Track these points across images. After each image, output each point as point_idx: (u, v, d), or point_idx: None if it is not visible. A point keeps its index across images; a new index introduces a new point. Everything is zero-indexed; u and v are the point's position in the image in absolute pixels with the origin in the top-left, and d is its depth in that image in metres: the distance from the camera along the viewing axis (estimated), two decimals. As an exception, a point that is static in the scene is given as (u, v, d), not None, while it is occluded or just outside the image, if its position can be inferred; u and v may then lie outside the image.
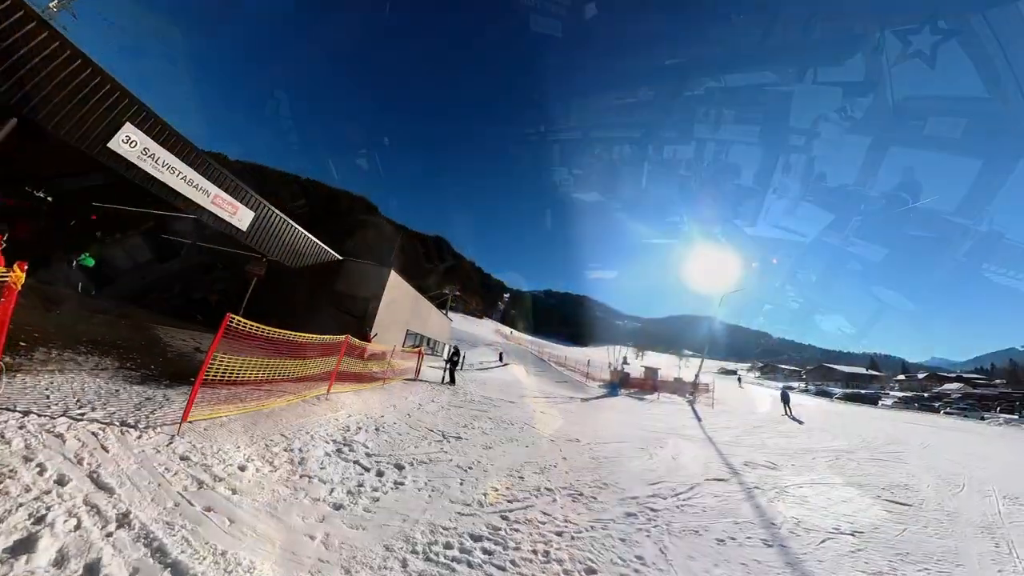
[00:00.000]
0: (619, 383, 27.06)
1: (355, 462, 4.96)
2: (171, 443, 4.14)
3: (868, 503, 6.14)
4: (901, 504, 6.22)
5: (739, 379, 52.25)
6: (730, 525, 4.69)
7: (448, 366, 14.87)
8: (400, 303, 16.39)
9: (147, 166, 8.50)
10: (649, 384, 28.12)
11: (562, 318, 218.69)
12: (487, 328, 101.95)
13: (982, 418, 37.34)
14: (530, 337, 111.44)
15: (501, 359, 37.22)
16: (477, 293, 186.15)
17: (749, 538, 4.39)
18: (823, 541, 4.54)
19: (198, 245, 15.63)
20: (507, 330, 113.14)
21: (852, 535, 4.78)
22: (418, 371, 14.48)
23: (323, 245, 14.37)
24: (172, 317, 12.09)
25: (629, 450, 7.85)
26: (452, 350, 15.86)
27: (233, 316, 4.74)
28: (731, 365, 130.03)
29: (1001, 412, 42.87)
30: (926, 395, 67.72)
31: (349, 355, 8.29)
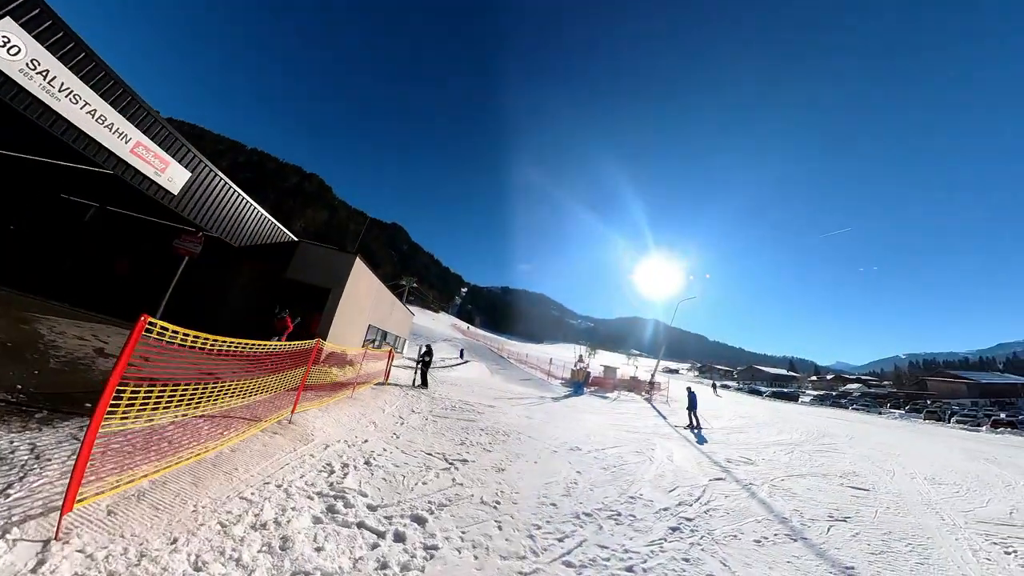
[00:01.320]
0: (583, 382, 26.91)
1: (360, 525, 3.56)
2: (43, 562, 2.25)
3: (838, 490, 7.21)
4: (861, 489, 7.40)
5: (714, 386, 53.39)
6: (754, 524, 5.16)
7: (420, 367, 13.39)
8: (362, 295, 14.33)
9: (36, 88, 5.76)
10: (609, 383, 28.54)
11: (519, 315, 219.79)
12: (444, 323, 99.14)
13: (879, 412, 42.71)
14: (487, 333, 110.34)
15: (462, 356, 35.77)
16: (435, 286, 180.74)
17: (776, 535, 4.89)
18: (828, 530, 5.24)
19: (106, 210, 12.09)
20: (464, 325, 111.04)
21: (845, 521, 5.62)
22: (387, 374, 12.85)
23: (276, 222, 12.07)
24: (66, 302, 9.21)
25: (628, 455, 8.19)
26: (424, 349, 14.30)
27: (153, 321, 2.79)
28: (674, 364, 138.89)
29: (892, 407, 49.72)
30: (834, 393, 77.19)
31: (315, 362, 6.58)
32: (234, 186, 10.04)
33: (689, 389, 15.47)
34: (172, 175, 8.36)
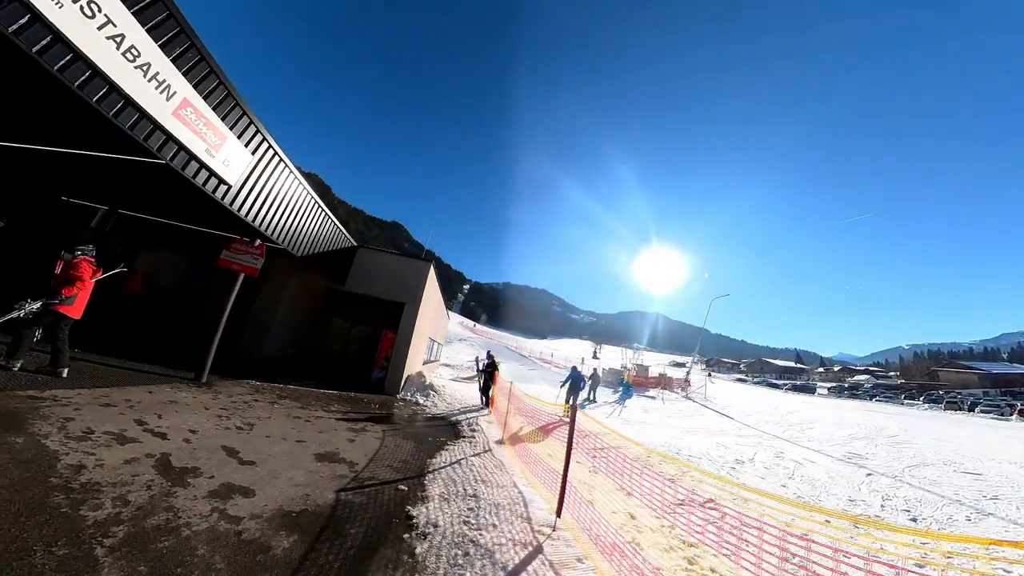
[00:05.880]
0: (630, 383, 26.27)
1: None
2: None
3: (959, 477, 8.22)
4: (974, 474, 8.41)
5: (709, 374, 53.27)
6: (954, 506, 6.45)
7: (483, 380, 11.53)
8: (429, 306, 12.59)
9: (45, 4, 3.36)
10: (652, 382, 28.62)
11: (522, 311, 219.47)
12: (452, 321, 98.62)
13: (902, 403, 42.55)
14: (494, 330, 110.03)
15: (490, 358, 35.33)
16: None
17: (975, 512, 6.23)
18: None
19: (120, 213, 8.98)
20: (471, 323, 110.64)
21: (995, 500, 6.80)
22: (491, 401, 10.71)
23: (337, 223, 9.86)
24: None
25: (771, 461, 9.01)
26: (488, 359, 11.97)
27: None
28: (680, 358, 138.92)
29: (906, 399, 49.68)
30: (846, 385, 77.16)
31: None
32: (297, 175, 7.81)
33: (574, 370, 14.96)
34: (228, 156, 5.77)
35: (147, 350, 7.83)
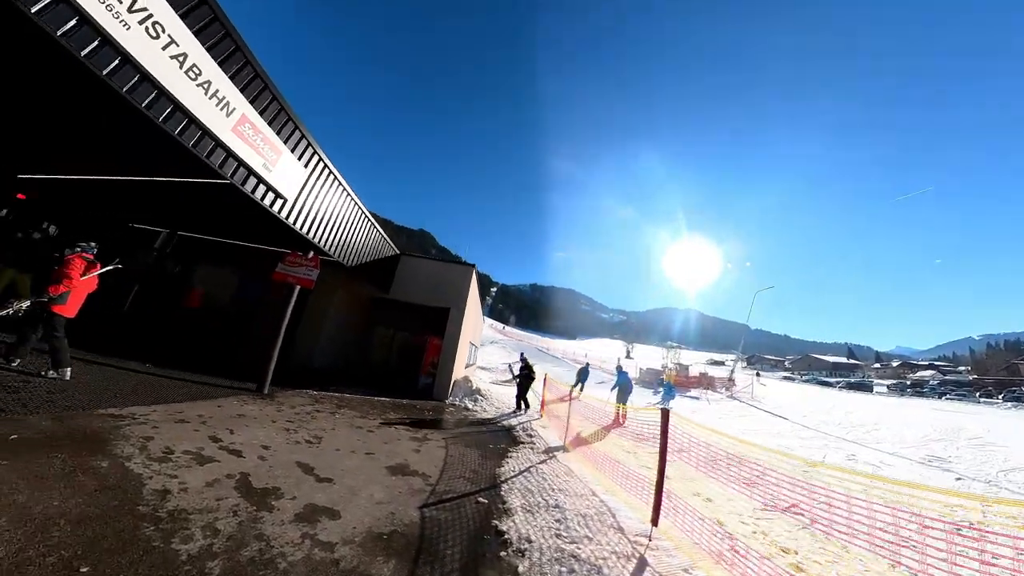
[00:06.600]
0: (672, 384, 25.52)
1: None
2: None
3: None
4: None
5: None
6: None
7: (522, 384, 11.32)
8: (471, 311, 12.32)
9: (108, 20, 3.33)
10: (694, 382, 27.50)
11: (549, 311, 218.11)
12: (483, 324, 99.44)
13: (978, 401, 38.34)
14: (523, 332, 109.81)
15: (523, 361, 35.10)
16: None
17: None
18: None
19: (178, 235, 9.67)
20: (500, 325, 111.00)
21: None
22: (542, 405, 10.75)
23: (382, 231, 9.80)
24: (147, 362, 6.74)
25: (861, 468, 8.61)
26: (522, 363, 11.84)
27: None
28: (718, 356, 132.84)
29: (983, 397, 44.72)
30: (907, 382, 70.68)
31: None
32: (346, 186, 7.82)
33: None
34: (284, 171, 5.84)
35: (206, 362, 8.04)
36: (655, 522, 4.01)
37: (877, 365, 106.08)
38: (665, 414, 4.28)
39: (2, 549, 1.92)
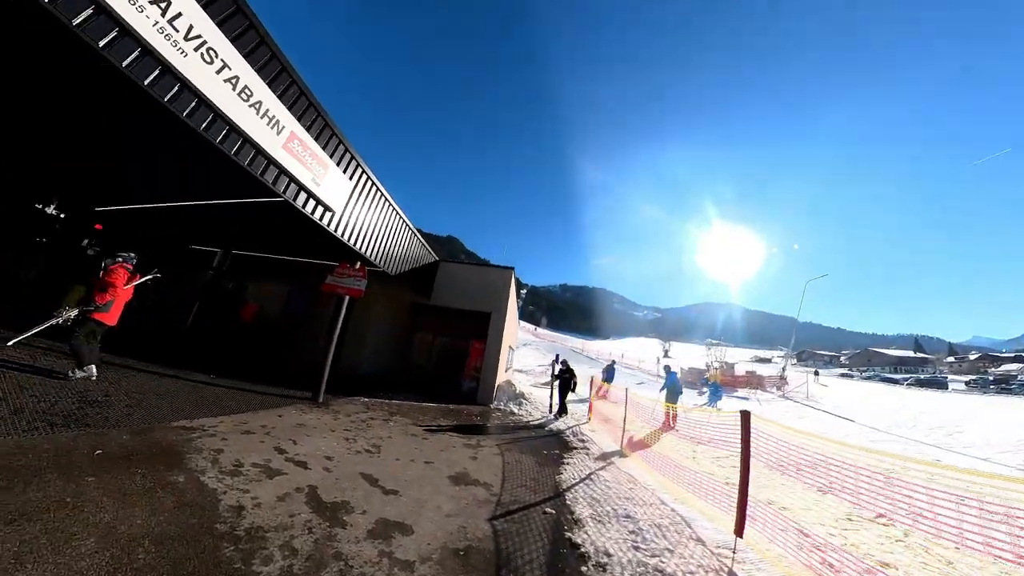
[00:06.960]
0: (718, 383, 24.38)
1: None
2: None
3: None
4: None
5: (816, 373, 45.77)
6: None
7: (559, 388, 10.97)
8: (511, 314, 12.40)
9: (168, 49, 3.44)
10: (742, 381, 26.07)
11: (580, 312, 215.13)
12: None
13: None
14: (555, 333, 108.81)
15: (564, 364, 34.66)
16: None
17: None
18: None
19: (233, 254, 10.50)
20: (532, 327, 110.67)
21: None
22: (590, 408, 10.76)
23: (422, 239, 9.93)
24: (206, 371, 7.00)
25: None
26: (562, 366, 11.44)
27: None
28: (763, 353, 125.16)
29: None
30: (990, 377, 63.12)
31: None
32: (388, 196, 7.95)
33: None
34: (331, 184, 5.98)
35: (261, 372, 8.37)
36: (739, 533, 3.66)
37: (951, 359, 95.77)
38: (746, 416, 3.92)
39: (92, 575, 1.91)
